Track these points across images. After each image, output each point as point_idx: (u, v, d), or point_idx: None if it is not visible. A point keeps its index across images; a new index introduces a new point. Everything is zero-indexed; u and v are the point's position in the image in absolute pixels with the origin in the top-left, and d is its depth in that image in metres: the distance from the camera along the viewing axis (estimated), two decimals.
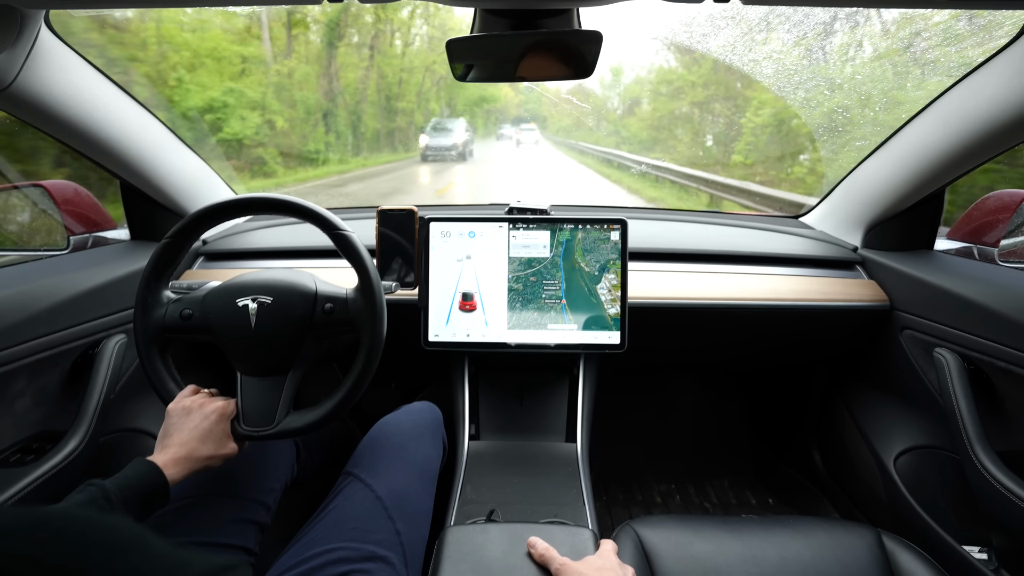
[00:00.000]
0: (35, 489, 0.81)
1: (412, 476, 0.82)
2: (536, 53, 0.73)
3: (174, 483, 0.64)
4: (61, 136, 0.93)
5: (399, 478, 0.80)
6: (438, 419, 0.97)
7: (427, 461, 0.87)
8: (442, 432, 0.97)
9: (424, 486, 0.83)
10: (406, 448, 0.86)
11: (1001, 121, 0.83)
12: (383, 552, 0.70)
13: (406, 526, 0.75)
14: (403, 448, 0.85)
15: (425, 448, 0.89)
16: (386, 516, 0.74)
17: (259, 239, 1.29)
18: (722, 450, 1.65)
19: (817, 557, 0.75)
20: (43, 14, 0.78)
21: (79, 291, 0.93)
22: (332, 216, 0.77)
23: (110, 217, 1.24)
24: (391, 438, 0.87)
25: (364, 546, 0.69)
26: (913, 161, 1.00)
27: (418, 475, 0.83)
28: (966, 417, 0.89)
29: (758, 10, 3.99)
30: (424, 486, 0.83)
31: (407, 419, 0.93)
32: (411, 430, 0.90)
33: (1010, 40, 0.78)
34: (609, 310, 1.00)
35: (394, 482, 0.79)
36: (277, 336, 0.74)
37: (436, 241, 1.01)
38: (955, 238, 1.15)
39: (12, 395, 0.83)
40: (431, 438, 0.91)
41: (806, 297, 1.11)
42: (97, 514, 0.52)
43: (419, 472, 0.84)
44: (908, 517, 1.02)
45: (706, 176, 6.41)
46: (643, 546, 0.78)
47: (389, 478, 0.79)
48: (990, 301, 0.88)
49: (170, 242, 0.77)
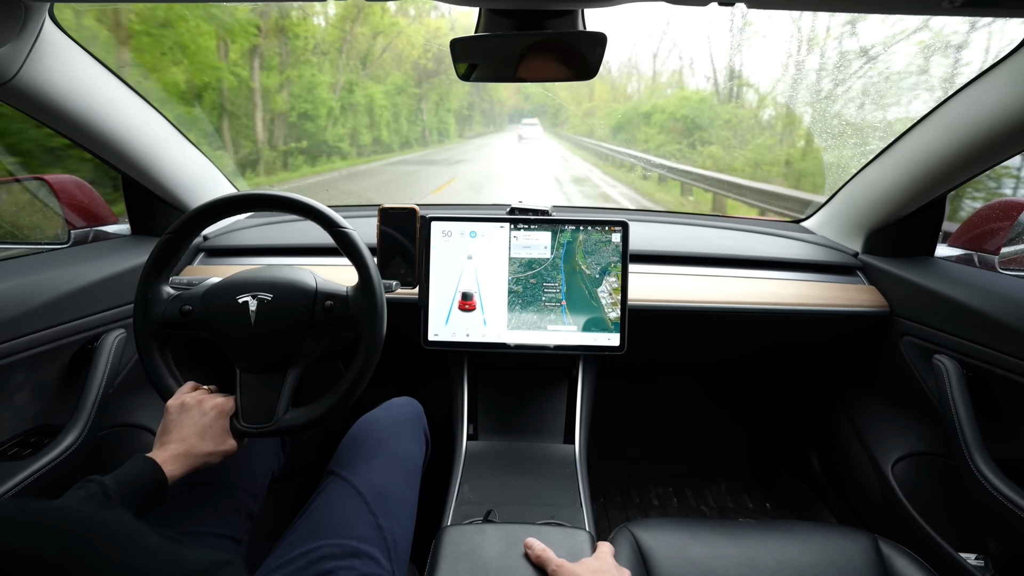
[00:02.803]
0: (33, 483, 0.81)
1: (393, 471, 0.82)
2: (540, 54, 0.73)
3: (173, 480, 0.64)
4: (63, 130, 0.93)
5: (379, 473, 0.80)
6: (418, 413, 0.97)
7: (408, 455, 0.87)
8: (423, 426, 0.96)
9: (406, 480, 0.83)
10: (386, 443, 0.86)
11: (1003, 129, 0.83)
12: (366, 548, 0.70)
13: (388, 521, 0.75)
14: (383, 444, 0.85)
15: (406, 443, 0.88)
16: (368, 512, 0.74)
17: (260, 236, 1.29)
18: (720, 454, 1.65)
19: (814, 562, 0.75)
20: (47, 7, 0.78)
21: (79, 285, 0.93)
22: (333, 214, 0.76)
23: (111, 211, 1.24)
24: (371, 435, 0.87)
25: (347, 542, 0.69)
26: (914, 167, 1.00)
27: (399, 470, 0.83)
28: (964, 424, 0.89)
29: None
30: (406, 480, 0.83)
31: (386, 415, 0.93)
32: (390, 425, 0.90)
33: (1013, 48, 0.79)
34: (609, 314, 1.00)
35: (375, 478, 0.79)
36: (277, 333, 0.74)
37: (437, 240, 1.01)
38: (956, 245, 1.15)
39: (11, 388, 0.83)
40: (411, 432, 0.91)
41: (806, 302, 1.11)
42: (94, 508, 0.53)
43: (400, 467, 0.84)
44: (905, 523, 1.02)
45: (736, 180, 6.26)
46: (640, 549, 0.78)
47: (370, 474, 0.79)
48: (990, 308, 0.89)
49: (171, 237, 0.77)
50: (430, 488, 0.92)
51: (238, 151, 8.46)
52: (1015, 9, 0.62)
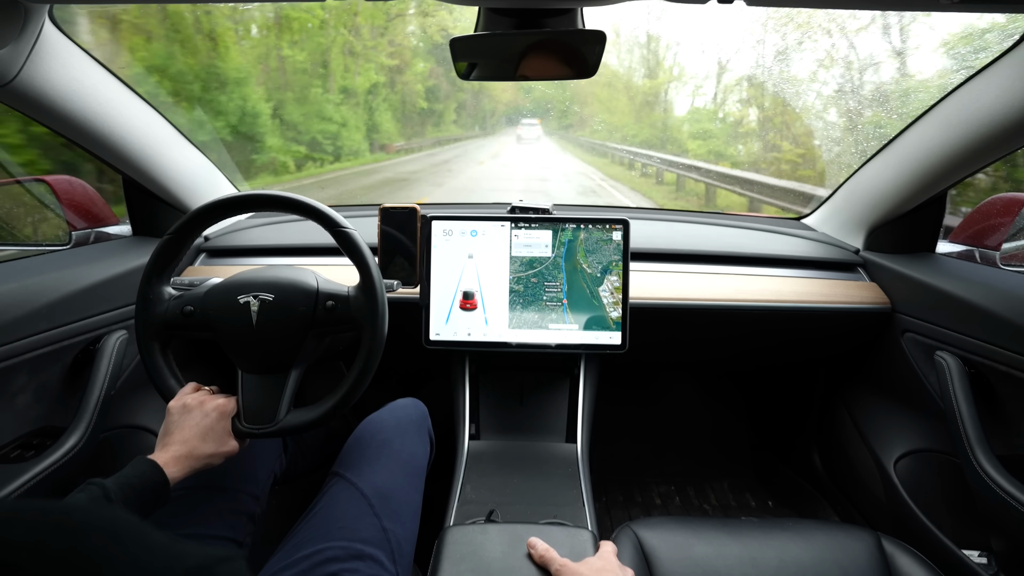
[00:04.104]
0: (35, 485, 0.81)
1: (397, 473, 0.82)
2: (539, 52, 0.73)
3: (175, 481, 0.64)
4: (64, 131, 0.93)
5: (384, 475, 0.80)
6: (423, 415, 0.97)
7: (413, 457, 0.87)
8: (427, 427, 0.96)
9: (410, 482, 0.83)
10: (390, 445, 0.86)
11: (1003, 124, 0.83)
12: (371, 550, 0.70)
13: (393, 523, 0.75)
14: (387, 445, 0.85)
15: (410, 444, 0.88)
16: (372, 514, 0.74)
17: (261, 236, 1.29)
18: (722, 452, 1.65)
19: (816, 560, 0.75)
20: (47, 9, 0.78)
21: (80, 287, 0.93)
22: (334, 213, 0.76)
23: (112, 212, 1.24)
24: (375, 436, 0.87)
25: (352, 545, 0.69)
26: (915, 164, 1.00)
27: (404, 472, 0.83)
28: (967, 420, 0.89)
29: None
30: (410, 482, 0.83)
31: (391, 416, 0.93)
32: (395, 427, 0.90)
33: (1013, 44, 0.78)
34: (611, 313, 1.00)
35: (379, 480, 0.79)
36: (278, 333, 0.74)
37: (438, 239, 1.01)
38: (957, 241, 1.15)
39: (13, 390, 0.83)
40: (416, 434, 0.91)
41: (808, 299, 1.11)
42: (96, 506, 0.53)
43: (405, 468, 0.84)
44: (908, 520, 1.02)
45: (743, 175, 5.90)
46: (642, 548, 0.78)
47: (374, 476, 0.79)
48: (991, 304, 0.88)
49: (172, 238, 0.77)
50: (432, 488, 0.92)
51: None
52: (1013, 5, 0.62)
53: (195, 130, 1.97)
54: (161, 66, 5.80)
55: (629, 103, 12.28)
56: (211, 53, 6.83)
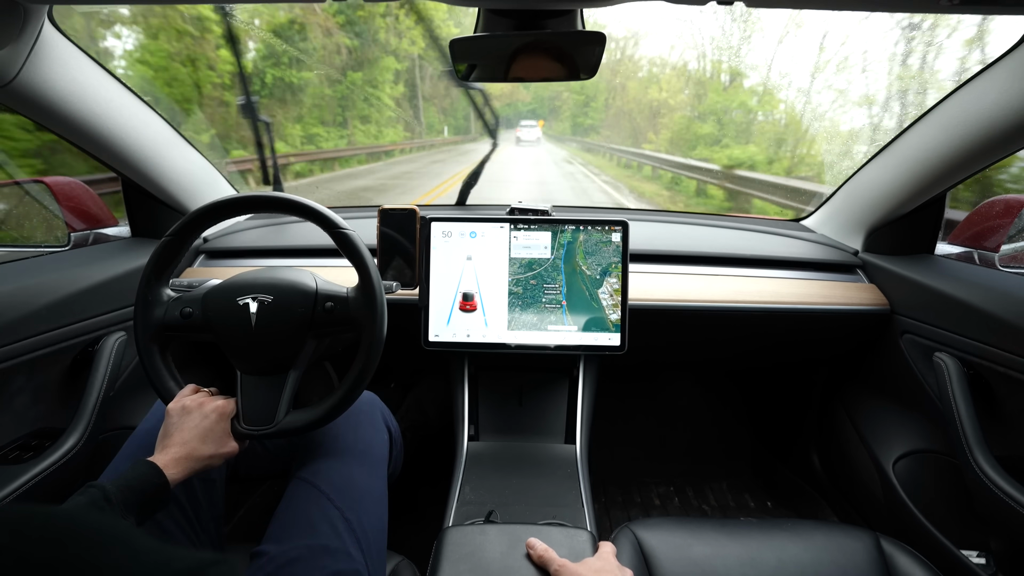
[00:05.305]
0: (34, 487, 0.80)
1: (353, 464, 0.81)
2: (539, 53, 0.73)
3: (175, 483, 0.64)
4: (63, 132, 0.93)
5: (340, 468, 0.79)
6: (372, 402, 0.95)
7: (369, 447, 0.86)
8: (380, 414, 0.94)
9: (369, 471, 0.82)
10: (342, 438, 0.85)
11: (1002, 126, 0.83)
12: (335, 544, 0.69)
13: (355, 513, 0.74)
14: (337, 439, 0.84)
15: (364, 434, 0.87)
16: (333, 507, 0.73)
17: (260, 237, 1.29)
18: (721, 453, 1.65)
19: (815, 561, 0.75)
20: (46, 9, 0.78)
21: (79, 288, 0.93)
22: (333, 215, 0.76)
23: (111, 214, 1.24)
24: (326, 432, 0.86)
25: (315, 542, 0.69)
26: (914, 165, 1.00)
27: (360, 461, 0.82)
28: (965, 421, 0.89)
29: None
30: (369, 471, 0.82)
31: None
32: (344, 421, 0.88)
33: (1011, 46, 0.79)
34: (610, 315, 1.00)
35: (335, 474, 0.78)
36: (277, 335, 0.74)
37: (437, 241, 1.01)
38: (956, 243, 1.15)
39: (11, 392, 0.83)
40: (369, 423, 0.90)
41: (807, 300, 1.11)
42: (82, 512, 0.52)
43: (361, 458, 0.83)
44: (907, 521, 1.02)
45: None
46: (641, 548, 0.78)
47: (330, 471, 0.78)
48: (990, 306, 0.89)
49: (171, 240, 0.77)
50: (432, 489, 0.92)
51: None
52: (1013, 7, 0.62)
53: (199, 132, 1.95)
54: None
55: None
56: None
